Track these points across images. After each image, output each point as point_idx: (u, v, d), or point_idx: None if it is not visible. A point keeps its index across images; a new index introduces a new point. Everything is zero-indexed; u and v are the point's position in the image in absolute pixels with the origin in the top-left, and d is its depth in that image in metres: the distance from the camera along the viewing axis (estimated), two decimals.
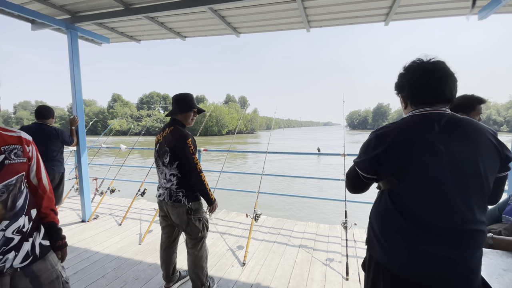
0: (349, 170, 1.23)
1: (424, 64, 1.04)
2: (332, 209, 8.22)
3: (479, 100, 1.76)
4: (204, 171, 2.01)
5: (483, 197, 0.96)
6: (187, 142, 1.92)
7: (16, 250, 1.07)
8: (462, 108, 1.76)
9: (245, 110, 19.31)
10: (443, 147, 0.93)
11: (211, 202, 2.04)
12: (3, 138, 1.08)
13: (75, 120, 3.47)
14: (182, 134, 1.95)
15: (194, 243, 2.07)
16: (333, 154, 4.19)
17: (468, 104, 1.76)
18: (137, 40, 4.08)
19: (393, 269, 1.02)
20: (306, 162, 20.03)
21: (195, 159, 1.94)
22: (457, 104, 1.80)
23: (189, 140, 1.95)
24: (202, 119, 65.37)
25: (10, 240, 1.05)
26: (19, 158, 1.10)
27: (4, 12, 3.00)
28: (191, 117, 2.10)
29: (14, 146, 1.10)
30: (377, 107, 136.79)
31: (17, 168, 1.09)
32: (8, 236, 1.04)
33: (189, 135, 1.98)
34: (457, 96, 1.85)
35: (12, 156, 1.07)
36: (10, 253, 1.05)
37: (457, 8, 2.80)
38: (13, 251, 1.06)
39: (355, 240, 3.19)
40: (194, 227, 2.02)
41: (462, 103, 1.78)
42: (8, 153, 1.06)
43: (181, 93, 2.10)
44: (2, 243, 1.03)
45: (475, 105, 1.75)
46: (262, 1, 2.71)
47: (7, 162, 1.05)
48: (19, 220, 1.08)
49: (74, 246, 3.00)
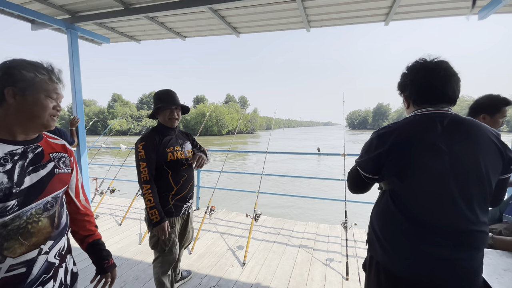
0: (350, 170, 1.23)
1: (427, 64, 1.03)
2: (332, 209, 8.22)
3: (506, 101, 1.63)
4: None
5: (485, 198, 0.95)
6: (138, 146, 1.74)
7: (54, 279, 0.88)
8: (486, 108, 1.66)
9: (245, 110, 19.34)
10: (446, 147, 0.93)
11: (151, 222, 1.70)
12: (50, 145, 0.96)
13: (75, 120, 3.46)
14: (142, 136, 1.82)
15: (154, 257, 1.94)
16: (333, 154, 4.18)
17: (493, 105, 1.65)
18: (137, 40, 4.08)
19: (394, 270, 1.02)
20: (307, 162, 20.01)
21: (142, 166, 1.70)
22: (481, 103, 1.70)
23: (142, 143, 1.75)
24: (202, 119, 65.41)
25: (51, 266, 0.87)
26: (67, 167, 0.98)
27: (4, 12, 3.00)
28: (167, 115, 1.86)
29: (62, 154, 0.98)
30: (377, 107, 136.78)
31: (64, 179, 0.96)
32: (51, 260, 0.87)
33: (145, 138, 1.78)
34: (482, 95, 1.78)
35: (61, 164, 0.95)
36: (49, 283, 0.86)
37: (457, 8, 2.80)
38: (52, 280, 0.87)
39: (355, 240, 3.19)
40: (150, 239, 1.89)
41: (487, 104, 1.67)
42: (57, 161, 0.94)
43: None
44: (44, 269, 0.84)
45: (500, 107, 1.63)
46: (262, 1, 2.70)
47: (57, 171, 0.92)
48: (61, 240, 0.93)
49: (74, 246, 2.99)
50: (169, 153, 1.83)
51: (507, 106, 1.65)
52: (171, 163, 1.83)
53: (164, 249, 1.85)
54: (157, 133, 1.84)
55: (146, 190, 1.69)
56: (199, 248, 3.00)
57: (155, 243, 1.85)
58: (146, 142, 1.76)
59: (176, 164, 1.86)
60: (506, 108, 1.65)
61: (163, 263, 1.88)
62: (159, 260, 1.89)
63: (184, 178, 1.91)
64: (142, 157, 1.71)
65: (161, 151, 1.80)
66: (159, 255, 1.89)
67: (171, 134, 1.92)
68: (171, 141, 1.88)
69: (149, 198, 1.69)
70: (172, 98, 1.89)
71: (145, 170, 1.70)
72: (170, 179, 1.83)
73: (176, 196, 1.87)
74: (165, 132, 1.88)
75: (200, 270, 2.55)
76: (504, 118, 1.66)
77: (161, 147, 1.80)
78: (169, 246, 1.85)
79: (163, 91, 1.92)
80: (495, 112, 1.65)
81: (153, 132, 1.85)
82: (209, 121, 68.19)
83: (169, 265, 1.90)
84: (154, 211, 1.69)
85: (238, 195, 9.46)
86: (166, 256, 1.87)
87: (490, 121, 1.67)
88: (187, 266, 2.60)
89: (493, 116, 1.66)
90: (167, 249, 1.85)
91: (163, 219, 1.72)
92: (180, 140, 1.96)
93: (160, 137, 1.83)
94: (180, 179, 1.88)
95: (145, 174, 1.70)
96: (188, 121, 69.23)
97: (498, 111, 1.65)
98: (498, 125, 1.67)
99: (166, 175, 1.82)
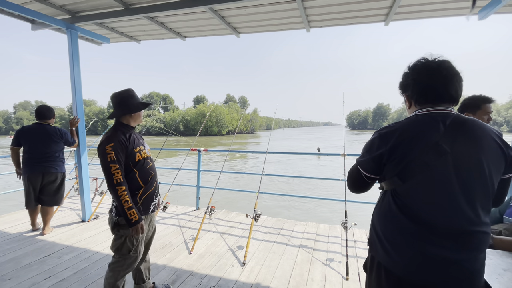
0: (351, 169, 1.22)
1: (429, 63, 1.02)
2: (332, 209, 8.22)
3: (484, 99, 1.77)
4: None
5: (487, 198, 0.95)
6: (106, 148, 1.68)
7: None
8: (469, 108, 1.80)
9: (245, 110, 19.37)
10: (448, 147, 0.92)
11: (130, 223, 1.69)
12: None
13: (75, 120, 3.47)
14: (107, 137, 1.74)
15: (112, 260, 1.86)
16: (333, 154, 4.18)
17: (474, 104, 1.79)
18: (137, 40, 4.08)
19: (396, 270, 1.01)
20: (308, 163, 20.00)
21: (113, 168, 1.66)
22: (464, 104, 1.84)
23: (110, 145, 1.69)
24: (202, 119, 65.34)
25: None
26: None
27: (4, 12, 3.00)
28: (139, 115, 1.91)
29: None
30: (377, 107, 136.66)
31: None
32: None
33: (113, 139, 1.72)
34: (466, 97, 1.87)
35: None
36: None
37: (457, 8, 2.80)
38: None
39: (355, 240, 3.19)
40: (114, 241, 1.83)
41: (469, 103, 1.81)
42: None
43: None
44: None
45: (480, 104, 1.76)
46: (262, 1, 2.71)
47: None
48: None
49: (74, 246, 3.00)
50: (137, 153, 1.83)
51: (488, 103, 1.77)
52: (138, 162, 1.83)
53: (130, 250, 1.81)
54: (122, 133, 1.81)
55: (121, 192, 1.67)
56: (199, 248, 3.00)
57: (119, 245, 1.81)
58: (115, 143, 1.71)
59: (143, 163, 1.87)
60: (488, 105, 1.77)
61: (124, 266, 1.83)
62: (120, 264, 1.83)
63: (151, 176, 1.92)
64: (112, 159, 1.67)
65: (130, 151, 1.79)
66: (120, 258, 1.83)
67: (133, 133, 1.91)
68: (136, 141, 1.88)
69: (126, 200, 1.67)
70: (137, 98, 1.93)
71: (117, 171, 1.67)
72: (138, 178, 1.83)
73: (144, 194, 1.86)
74: (128, 132, 1.87)
75: (200, 270, 2.55)
76: (489, 114, 1.77)
77: (129, 147, 1.79)
78: (135, 246, 1.83)
79: (130, 93, 1.90)
80: (476, 110, 1.78)
81: (119, 132, 1.81)
82: (209, 121, 68.20)
83: (130, 269, 1.86)
84: (132, 211, 1.69)
85: (238, 195, 9.46)
86: (129, 259, 1.83)
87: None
88: (187, 266, 2.60)
89: (475, 114, 1.78)
90: (133, 249, 1.82)
91: (141, 218, 1.74)
92: (140, 139, 1.98)
93: (127, 137, 1.81)
94: (147, 177, 1.89)
95: (117, 176, 1.67)
96: (188, 121, 69.25)
97: (479, 108, 1.78)
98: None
99: (133, 175, 1.81)
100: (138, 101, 1.93)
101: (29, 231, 3.38)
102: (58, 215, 3.98)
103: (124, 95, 1.88)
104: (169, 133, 5.52)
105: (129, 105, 1.87)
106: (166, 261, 2.70)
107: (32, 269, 2.51)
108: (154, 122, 69.49)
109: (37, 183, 3.23)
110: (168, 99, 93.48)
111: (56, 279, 2.35)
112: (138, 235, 1.75)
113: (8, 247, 2.96)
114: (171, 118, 72.12)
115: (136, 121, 1.94)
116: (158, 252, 2.88)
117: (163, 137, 51.71)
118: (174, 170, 4.76)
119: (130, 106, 1.87)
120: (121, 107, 1.87)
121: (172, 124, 64.61)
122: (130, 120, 1.89)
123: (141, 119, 1.96)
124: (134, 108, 1.88)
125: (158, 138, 46.51)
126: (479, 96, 1.81)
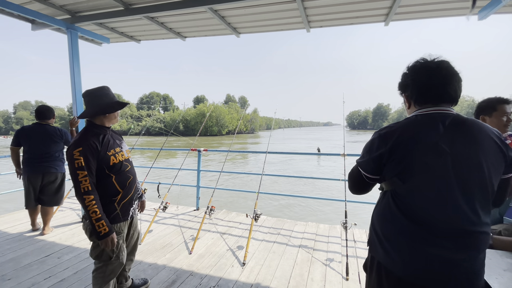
0: (351, 170, 1.22)
1: (428, 63, 1.03)
2: (332, 209, 8.22)
3: (500, 100, 1.72)
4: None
5: (487, 198, 0.95)
6: (73, 153, 1.53)
7: None
8: (484, 110, 1.75)
9: (245, 110, 19.37)
10: (448, 147, 0.92)
11: (99, 235, 1.56)
12: None
13: (75, 120, 3.47)
14: (75, 140, 1.60)
15: (94, 267, 1.78)
16: (333, 154, 4.18)
17: (489, 106, 1.74)
18: (137, 40, 4.08)
19: (396, 271, 1.01)
20: (309, 163, 19.99)
21: (81, 175, 1.52)
22: (479, 107, 1.79)
23: (78, 149, 1.54)
24: (202, 119, 65.33)
25: None
26: None
27: (4, 12, 3.00)
28: (114, 114, 1.77)
29: None
30: (377, 107, 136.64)
31: None
32: None
33: (81, 143, 1.57)
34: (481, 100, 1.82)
35: None
36: None
37: (457, 9, 2.81)
38: None
39: (355, 240, 3.19)
40: (93, 249, 1.74)
41: (484, 106, 1.76)
42: None
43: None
44: None
45: (496, 105, 1.71)
46: (262, 1, 2.71)
47: None
48: None
49: (74, 246, 3.00)
50: (111, 157, 1.69)
51: (504, 104, 1.69)
52: (114, 166, 1.70)
53: (111, 257, 1.72)
54: (94, 135, 1.66)
55: (89, 202, 1.53)
56: (199, 248, 3.00)
57: (99, 252, 1.71)
58: (83, 147, 1.56)
59: (120, 166, 1.75)
60: (505, 105, 1.68)
61: (106, 272, 1.74)
62: (102, 270, 1.74)
63: (130, 179, 1.81)
64: (80, 165, 1.53)
65: (102, 155, 1.64)
66: (102, 264, 1.74)
67: (107, 135, 1.76)
68: (110, 143, 1.73)
69: (94, 210, 1.54)
70: (114, 97, 1.80)
71: (85, 179, 1.53)
72: (115, 183, 1.71)
73: (123, 200, 1.76)
74: (102, 133, 1.72)
75: (200, 270, 2.55)
76: (508, 115, 1.68)
77: (102, 151, 1.65)
78: (116, 252, 1.74)
79: (104, 91, 1.76)
80: (492, 111, 1.71)
81: (89, 134, 1.65)
82: (209, 121, 68.19)
83: (114, 275, 1.78)
84: (101, 223, 1.56)
85: (238, 195, 9.46)
86: (111, 265, 1.74)
87: (490, 121, 1.71)
88: (187, 266, 2.60)
89: (491, 116, 1.71)
90: (114, 256, 1.73)
91: (111, 229, 1.62)
92: (117, 141, 1.84)
93: (99, 140, 1.67)
94: (125, 181, 1.78)
95: (85, 184, 1.53)
96: (188, 121, 69.25)
97: (495, 110, 1.70)
98: (503, 124, 1.67)
99: (109, 179, 1.69)
100: (113, 100, 1.78)
101: (29, 231, 3.38)
102: (58, 215, 3.98)
103: (97, 93, 1.73)
104: (169, 133, 5.53)
105: (103, 104, 1.72)
106: (166, 261, 2.70)
107: (32, 269, 2.51)
108: (154, 122, 69.52)
109: (37, 183, 3.23)
110: (168, 99, 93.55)
111: (56, 279, 2.35)
112: (109, 248, 1.63)
113: (8, 247, 2.96)
114: (171, 118, 72.13)
115: (111, 121, 1.79)
116: (158, 252, 2.88)
117: (163, 137, 51.71)
118: (174, 170, 4.76)
119: (104, 106, 1.71)
120: (94, 106, 1.71)
121: (172, 124, 64.60)
122: (104, 120, 1.74)
123: (117, 119, 1.82)
124: (108, 108, 1.72)
125: (158, 138, 46.52)
126: (494, 98, 1.75)
